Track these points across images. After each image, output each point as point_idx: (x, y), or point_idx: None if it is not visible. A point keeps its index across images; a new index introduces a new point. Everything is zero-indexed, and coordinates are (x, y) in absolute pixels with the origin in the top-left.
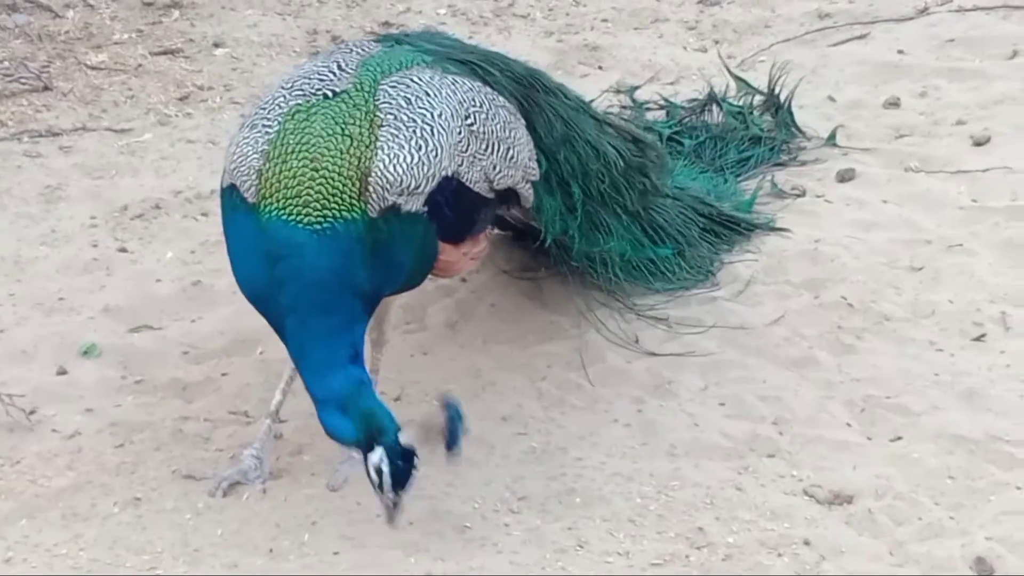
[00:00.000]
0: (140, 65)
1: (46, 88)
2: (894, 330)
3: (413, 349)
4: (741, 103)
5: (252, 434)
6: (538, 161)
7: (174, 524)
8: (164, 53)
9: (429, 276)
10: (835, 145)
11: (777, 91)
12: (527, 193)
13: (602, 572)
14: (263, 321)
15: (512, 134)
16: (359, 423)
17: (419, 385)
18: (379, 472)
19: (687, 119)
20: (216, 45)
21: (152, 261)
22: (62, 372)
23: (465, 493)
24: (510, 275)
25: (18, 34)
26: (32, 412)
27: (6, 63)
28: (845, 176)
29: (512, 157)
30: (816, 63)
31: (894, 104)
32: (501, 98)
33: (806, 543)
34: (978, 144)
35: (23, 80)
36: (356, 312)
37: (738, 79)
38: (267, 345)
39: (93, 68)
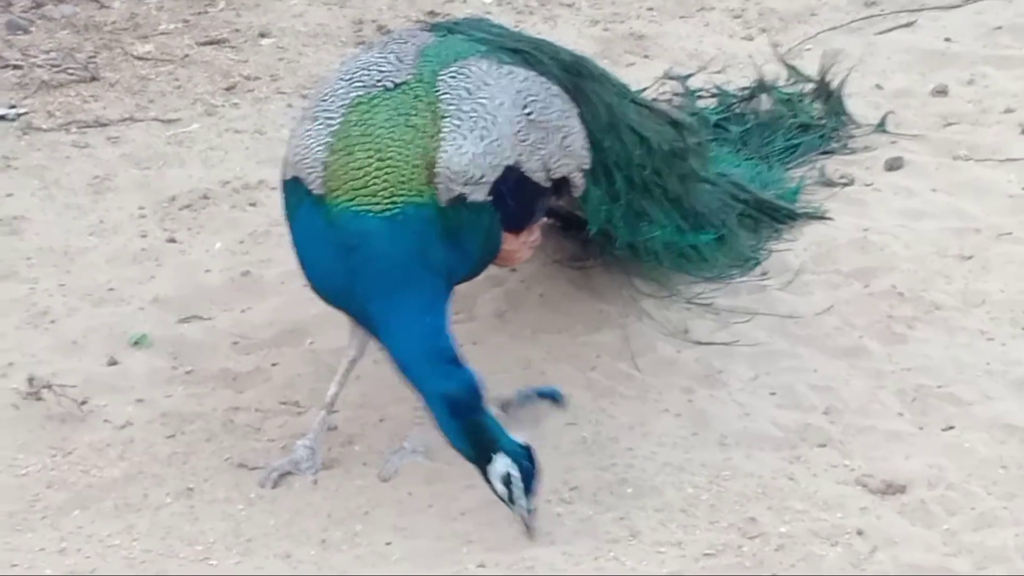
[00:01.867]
0: (187, 55)
1: (93, 79)
2: (945, 319)
3: (463, 339)
4: (791, 91)
5: (303, 424)
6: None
7: (226, 515)
8: (210, 43)
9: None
10: (884, 131)
11: (828, 79)
12: (580, 182)
13: (655, 562)
14: (312, 311)
15: (567, 123)
16: (469, 435)
17: None
18: (508, 481)
19: (736, 106)
20: (262, 35)
21: (201, 251)
22: (113, 363)
23: None
24: (560, 265)
25: (64, 24)
26: (83, 403)
27: (53, 54)
28: (893, 165)
29: (568, 146)
30: (863, 51)
31: (942, 92)
32: (555, 87)
33: (859, 533)
34: None
35: (70, 71)
36: (438, 289)
37: (789, 67)
38: (316, 335)
39: (140, 58)
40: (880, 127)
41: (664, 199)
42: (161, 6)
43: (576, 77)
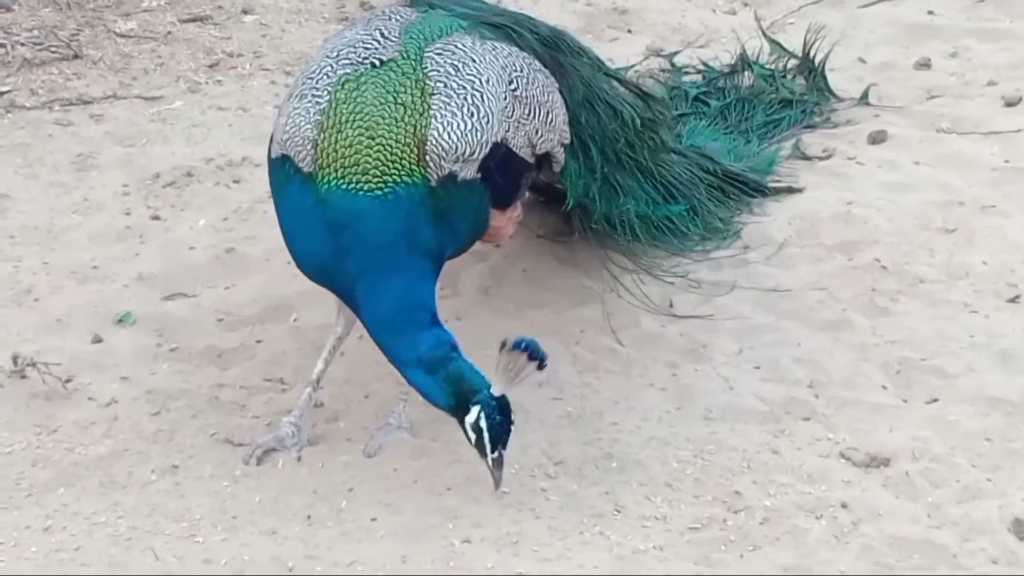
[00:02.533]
0: (169, 32)
1: (76, 56)
2: (928, 292)
3: (447, 315)
4: (772, 66)
5: (288, 401)
6: None
7: (212, 491)
8: (193, 20)
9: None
10: (867, 104)
11: (812, 54)
12: (561, 157)
13: (640, 536)
14: (297, 288)
15: (550, 98)
16: (448, 387)
17: None
18: (478, 431)
19: (716, 81)
20: (245, 12)
21: (185, 229)
22: (97, 340)
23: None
24: (543, 240)
25: (47, 2)
26: (68, 380)
27: (36, 31)
28: (877, 138)
29: (551, 121)
30: (846, 25)
31: (925, 65)
32: (537, 62)
33: (843, 506)
34: (1010, 105)
35: (53, 48)
36: (426, 270)
37: (772, 42)
38: (301, 312)
39: (122, 36)
40: (863, 100)
41: (637, 171)
42: None
43: (555, 51)
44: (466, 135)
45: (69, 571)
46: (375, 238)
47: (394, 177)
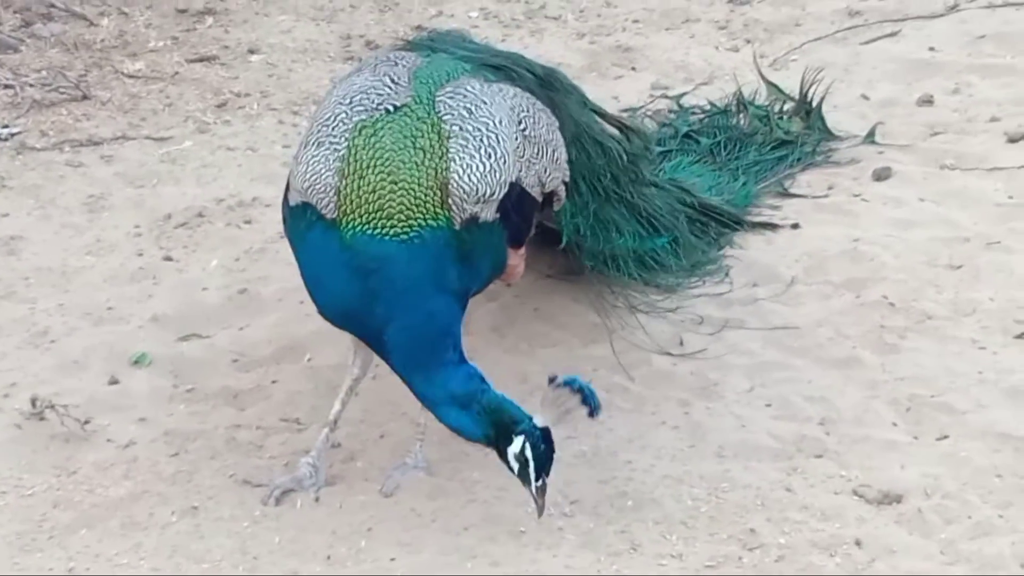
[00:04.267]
0: (177, 72)
1: (85, 97)
2: (936, 328)
3: None
4: (767, 106)
5: (305, 441)
6: None
7: (232, 532)
8: (200, 60)
9: None
10: (873, 142)
11: (808, 96)
12: (563, 194)
13: (656, 575)
14: (310, 328)
15: (554, 136)
16: (486, 419)
17: None
18: (524, 461)
19: (707, 120)
20: (251, 51)
21: (198, 269)
22: (114, 382)
23: (518, 497)
24: (553, 279)
25: (54, 43)
26: (86, 422)
27: (44, 72)
28: (881, 175)
29: (557, 159)
30: (848, 61)
31: (927, 102)
32: (539, 102)
33: (857, 543)
34: (1012, 141)
35: (62, 89)
36: (453, 310)
37: (770, 84)
38: (315, 352)
39: (130, 76)
40: (869, 138)
41: (622, 206)
42: (149, 23)
43: (549, 90)
44: (486, 176)
45: None
46: (403, 282)
47: (419, 221)
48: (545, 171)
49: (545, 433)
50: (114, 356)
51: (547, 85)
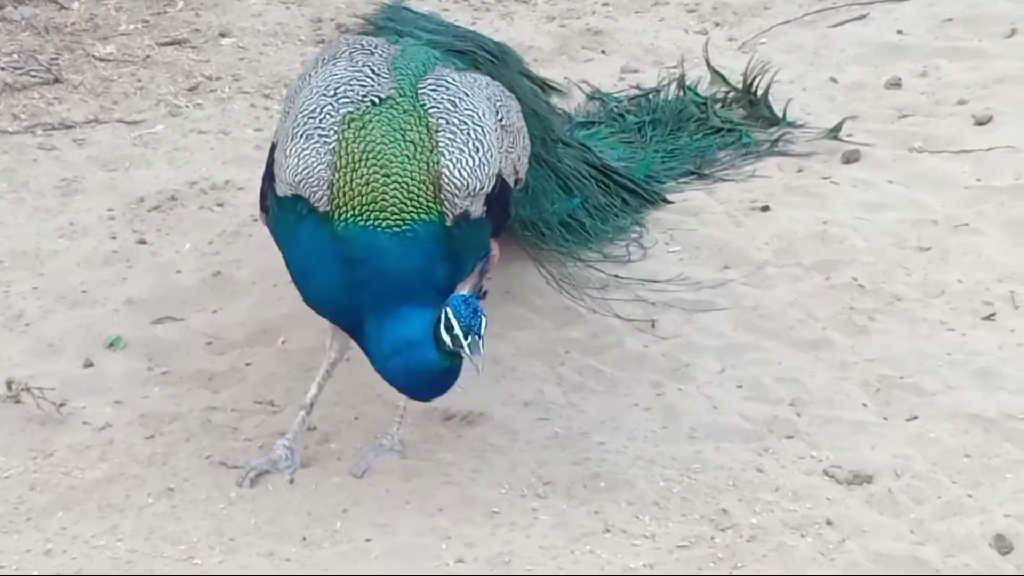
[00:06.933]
0: (148, 56)
1: (56, 80)
2: (905, 310)
3: None
4: (706, 93)
5: (279, 423)
6: None
7: (208, 514)
8: (171, 43)
9: None
10: (837, 139)
11: (753, 87)
12: (524, 177)
13: (629, 555)
14: (284, 311)
15: (521, 122)
16: (436, 351)
17: None
18: (450, 327)
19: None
20: (222, 35)
21: (171, 252)
22: (89, 364)
23: (492, 479)
24: (526, 261)
25: (25, 27)
26: (62, 405)
27: (15, 56)
28: (850, 157)
29: (526, 146)
30: (817, 44)
31: (896, 85)
32: (507, 89)
33: (828, 523)
34: (980, 123)
35: (33, 73)
36: (435, 304)
37: (715, 73)
38: (289, 335)
39: (102, 60)
40: (834, 133)
41: (549, 169)
42: (120, 6)
43: (503, 67)
44: (476, 170)
45: None
46: (392, 274)
47: (412, 215)
48: (519, 159)
49: (466, 297)
50: (89, 339)
51: (501, 63)
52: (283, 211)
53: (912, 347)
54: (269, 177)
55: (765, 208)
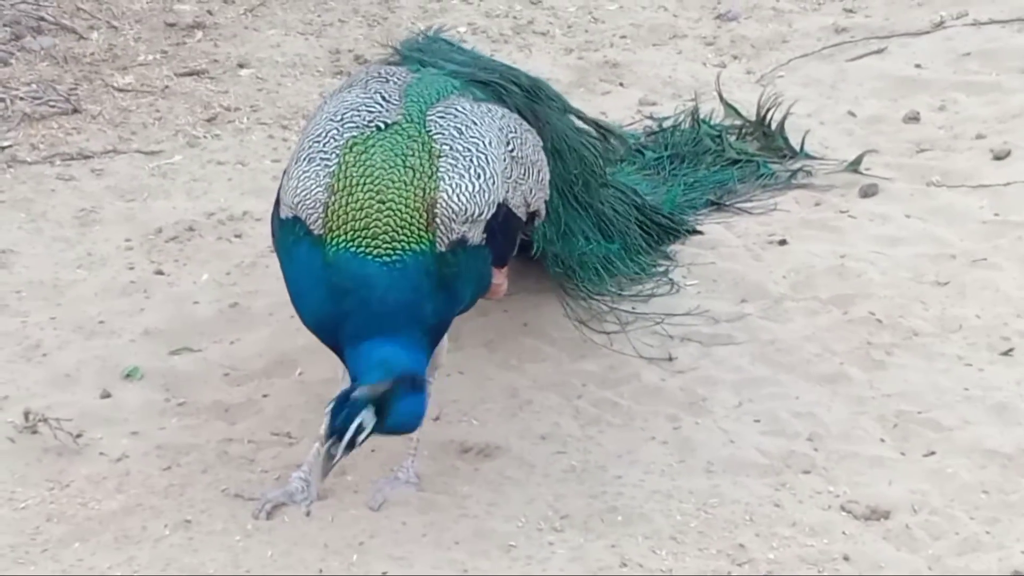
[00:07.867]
0: (167, 87)
1: (75, 111)
2: (923, 345)
3: (449, 369)
4: (721, 125)
5: (296, 455)
6: None
7: (225, 546)
8: (190, 74)
9: None
10: (857, 172)
11: (767, 119)
12: (544, 213)
13: None
14: (301, 342)
15: (539, 156)
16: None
17: (457, 405)
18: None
19: (657, 135)
20: (241, 65)
21: (189, 283)
22: (106, 395)
23: (508, 512)
24: (543, 293)
25: (44, 56)
26: (79, 436)
27: (34, 86)
28: (868, 191)
29: (542, 180)
30: (835, 78)
31: (914, 119)
32: (525, 123)
33: (846, 559)
34: (998, 158)
35: (52, 103)
36: (421, 344)
37: (728, 106)
38: (306, 366)
39: (120, 90)
40: (854, 166)
41: (589, 211)
42: (139, 37)
43: (535, 102)
44: (474, 196)
45: None
46: (377, 305)
47: (403, 244)
48: (531, 192)
49: (351, 396)
50: (106, 370)
51: (533, 97)
52: (284, 232)
53: (929, 382)
54: (277, 200)
55: (783, 242)
